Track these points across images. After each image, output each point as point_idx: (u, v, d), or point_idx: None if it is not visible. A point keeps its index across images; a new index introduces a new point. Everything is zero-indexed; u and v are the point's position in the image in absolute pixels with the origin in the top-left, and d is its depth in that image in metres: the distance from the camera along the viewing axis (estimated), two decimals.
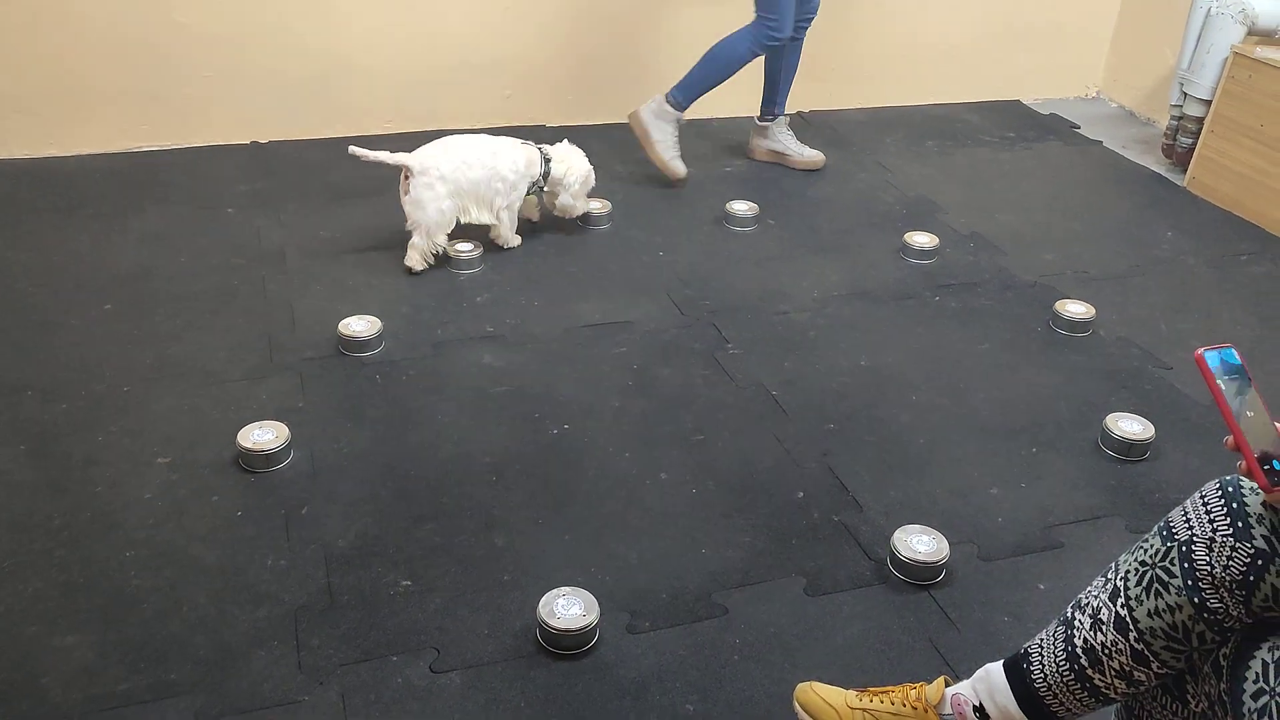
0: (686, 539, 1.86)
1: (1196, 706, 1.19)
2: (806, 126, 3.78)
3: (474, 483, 1.97)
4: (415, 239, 2.66)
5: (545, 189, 2.84)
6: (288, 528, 1.84)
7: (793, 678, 1.54)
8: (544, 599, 1.66)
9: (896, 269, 2.85)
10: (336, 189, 3.12)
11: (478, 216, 2.73)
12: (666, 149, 3.19)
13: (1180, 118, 3.57)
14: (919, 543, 1.81)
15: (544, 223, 2.97)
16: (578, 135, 2.98)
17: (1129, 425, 2.15)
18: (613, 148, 3.40)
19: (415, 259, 2.67)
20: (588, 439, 2.11)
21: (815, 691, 1.43)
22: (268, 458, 1.97)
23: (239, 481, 1.94)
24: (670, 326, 2.51)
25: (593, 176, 2.89)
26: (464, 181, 2.65)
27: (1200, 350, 1.07)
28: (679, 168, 3.21)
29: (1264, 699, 1.04)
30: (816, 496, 1.98)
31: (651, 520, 1.90)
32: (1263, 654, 1.07)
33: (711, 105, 3.77)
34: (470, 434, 2.10)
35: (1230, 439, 1.06)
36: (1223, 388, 1.06)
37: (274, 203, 3.02)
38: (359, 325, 2.37)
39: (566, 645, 1.62)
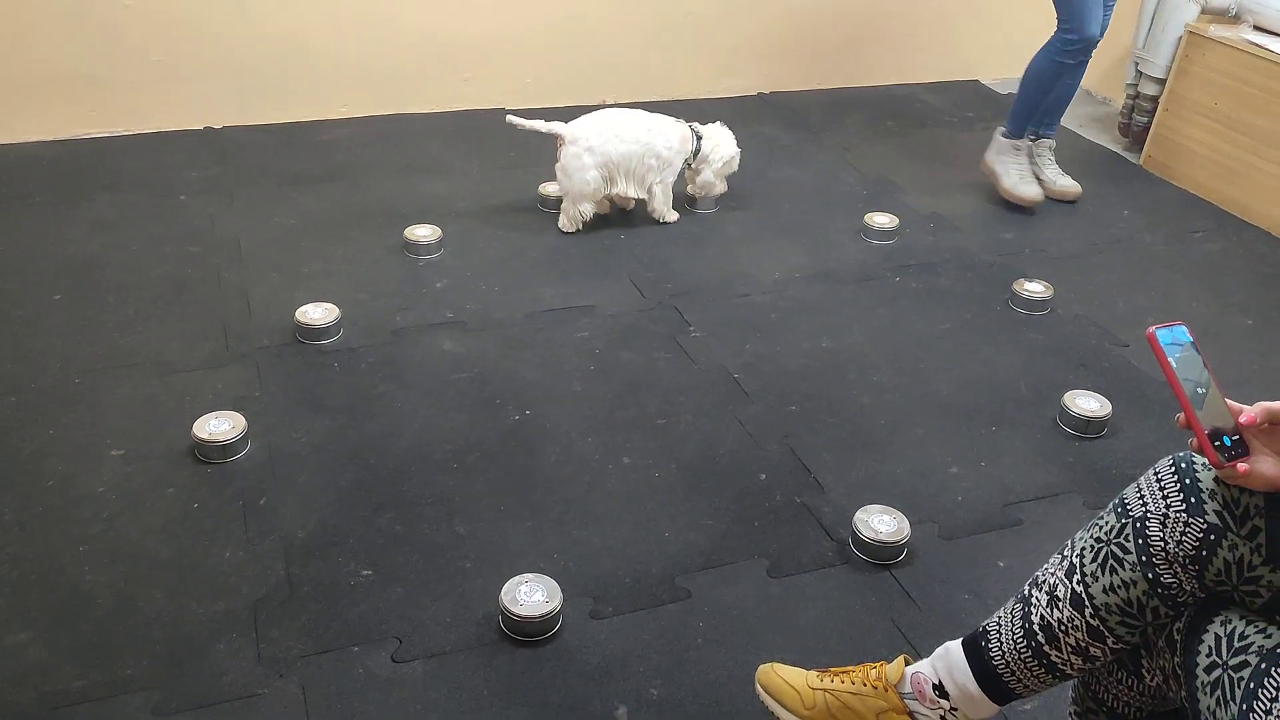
0: (649, 523, 1.86)
1: (1151, 681, 1.21)
2: (766, 108, 3.77)
3: (435, 470, 1.96)
4: (565, 203, 2.81)
5: (692, 165, 2.90)
6: (245, 519, 1.82)
7: (756, 659, 1.54)
8: (506, 586, 1.65)
9: (857, 250, 2.86)
10: (292, 175, 3.07)
11: (625, 189, 2.82)
12: (1011, 180, 3.12)
13: (1136, 96, 3.60)
14: (880, 523, 1.82)
15: (501, 206, 2.94)
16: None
17: (1087, 403, 2.18)
18: None
19: (564, 221, 2.83)
20: (549, 424, 2.10)
21: (777, 673, 1.44)
22: (224, 448, 1.94)
23: (195, 473, 1.92)
24: (632, 310, 2.51)
25: (737, 160, 2.94)
26: (613, 154, 2.75)
27: (1151, 328, 1.08)
28: (1024, 192, 3.11)
29: (1217, 672, 1.06)
30: (778, 478, 1.98)
31: (614, 505, 1.90)
32: (1215, 628, 1.08)
33: (673, 87, 3.76)
34: (431, 421, 2.08)
35: (1181, 416, 1.07)
36: (1174, 365, 1.07)
37: (228, 189, 2.97)
38: (316, 313, 2.34)
39: (530, 632, 1.61)
